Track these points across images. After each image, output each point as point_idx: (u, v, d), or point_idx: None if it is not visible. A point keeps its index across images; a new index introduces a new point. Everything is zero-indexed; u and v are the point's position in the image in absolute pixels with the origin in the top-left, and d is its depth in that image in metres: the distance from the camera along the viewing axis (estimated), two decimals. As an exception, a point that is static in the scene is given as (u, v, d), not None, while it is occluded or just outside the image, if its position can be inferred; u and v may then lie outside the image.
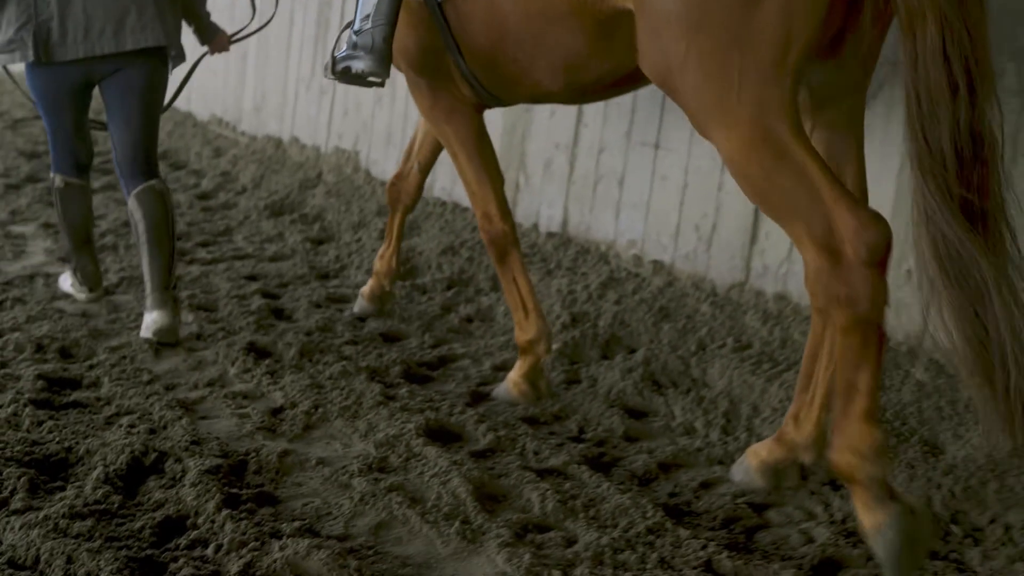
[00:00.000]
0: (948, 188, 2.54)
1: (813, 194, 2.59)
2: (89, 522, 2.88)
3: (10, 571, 2.66)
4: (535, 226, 5.66)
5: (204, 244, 6.14)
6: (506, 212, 3.90)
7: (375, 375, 4.12)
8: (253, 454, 3.41)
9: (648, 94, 4.95)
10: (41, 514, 2.89)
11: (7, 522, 2.86)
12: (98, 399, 3.84)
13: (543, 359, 3.92)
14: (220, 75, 9.20)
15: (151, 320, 4.41)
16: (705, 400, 3.89)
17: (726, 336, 4.28)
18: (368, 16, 3.50)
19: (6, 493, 3.03)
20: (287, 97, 8.10)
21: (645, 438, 3.69)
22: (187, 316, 4.80)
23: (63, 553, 2.69)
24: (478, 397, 3.99)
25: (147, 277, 4.49)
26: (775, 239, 4.36)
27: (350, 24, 3.66)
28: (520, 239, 5.52)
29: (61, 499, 3.00)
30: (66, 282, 5.11)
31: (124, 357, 4.24)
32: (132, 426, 3.52)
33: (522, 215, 5.73)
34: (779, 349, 4.14)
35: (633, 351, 4.32)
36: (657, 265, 4.87)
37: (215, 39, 5.02)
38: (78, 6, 4.26)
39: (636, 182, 5.02)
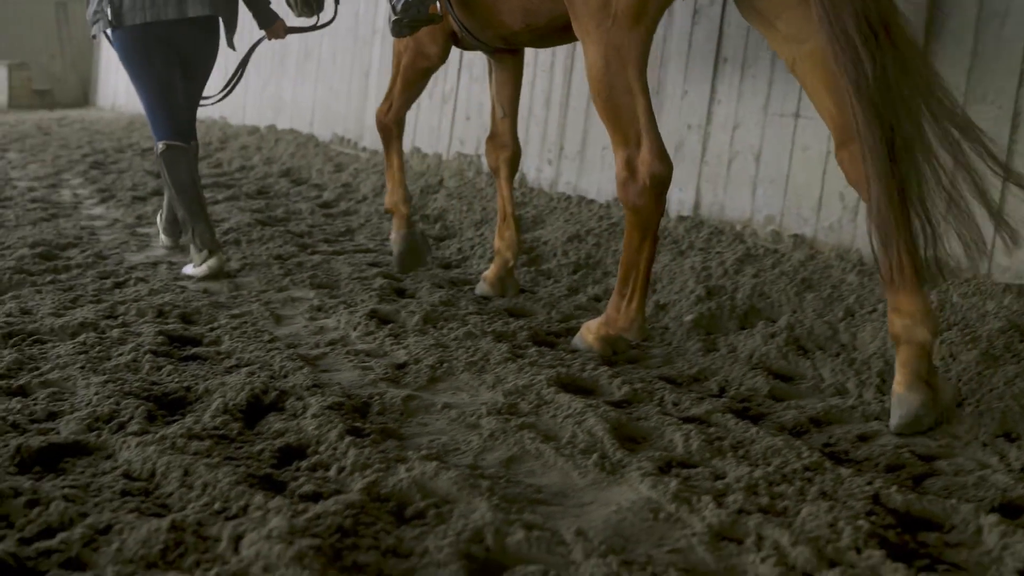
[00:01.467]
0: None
1: (633, 121, 3.38)
2: (207, 443, 2.74)
3: (125, 481, 2.52)
4: (665, 211, 5.42)
5: (326, 240, 6.07)
6: (400, 120, 5.07)
7: (501, 338, 3.94)
8: (376, 397, 3.24)
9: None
10: (158, 434, 2.76)
11: (123, 441, 2.74)
12: (218, 353, 3.73)
13: (406, 217, 5.03)
14: (343, 95, 9.24)
15: (163, 239, 5.73)
16: (857, 362, 3.60)
17: (876, 303, 3.98)
18: None
19: (124, 419, 2.92)
20: (412, 110, 8.05)
21: (792, 397, 3.41)
22: (308, 292, 4.70)
23: (180, 466, 2.55)
24: (613, 362, 3.76)
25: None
26: (929, 200, 4.07)
27: None
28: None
29: (179, 424, 2.87)
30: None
31: (245, 322, 4.14)
32: (252, 373, 3.40)
33: (651, 202, 5.52)
34: (936, 311, 3.82)
35: (774, 322, 4.05)
36: (798, 239, 4.60)
37: (273, 25, 5.43)
38: None
39: (774, 156, 4.77)
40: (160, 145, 5.09)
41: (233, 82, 5.55)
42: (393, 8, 4.18)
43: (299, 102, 10.21)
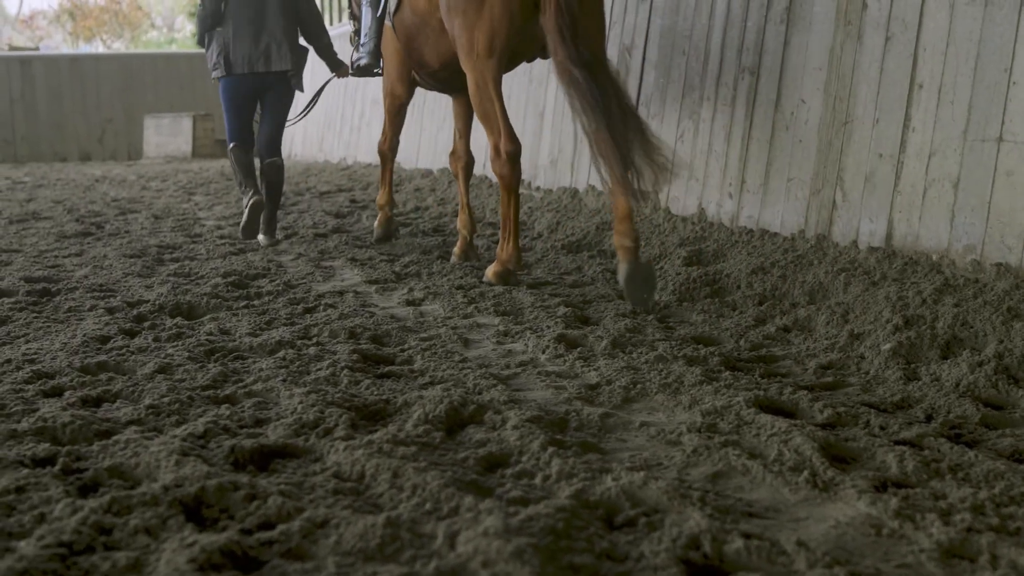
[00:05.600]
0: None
1: (495, 120, 5.33)
2: (413, 448, 2.76)
3: (336, 481, 2.55)
4: (854, 243, 5.27)
5: (504, 274, 6.11)
6: (394, 147, 7.67)
7: (693, 362, 3.87)
8: (573, 414, 3.22)
9: (989, 86, 4.55)
10: (365, 439, 2.79)
11: (331, 445, 2.79)
12: (412, 371, 3.78)
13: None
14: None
15: (262, 239, 7.45)
16: (1076, 392, 3.40)
17: (1093, 332, 3.77)
18: (367, 34, 6.81)
19: (329, 425, 2.97)
20: (583, 147, 8.07)
21: (1006, 425, 3.24)
22: (493, 319, 4.73)
23: (388, 469, 2.57)
24: (810, 388, 3.65)
25: (264, 215, 7.51)
26: None
27: (358, 40, 6.97)
28: (838, 256, 5.20)
29: (384, 432, 2.90)
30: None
31: (434, 344, 4.18)
32: (447, 389, 3.42)
33: (839, 233, 5.37)
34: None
35: (980, 351, 3.87)
36: (1001, 268, 4.39)
37: (339, 69, 8.01)
38: (243, 44, 7.42)
39: (974, 183, 4.58)
40: (231, 146, 7.63)
41: (308, 109, 8.33)
42: (352, 65, 7.08)
43: (473, 144, 10.35)
